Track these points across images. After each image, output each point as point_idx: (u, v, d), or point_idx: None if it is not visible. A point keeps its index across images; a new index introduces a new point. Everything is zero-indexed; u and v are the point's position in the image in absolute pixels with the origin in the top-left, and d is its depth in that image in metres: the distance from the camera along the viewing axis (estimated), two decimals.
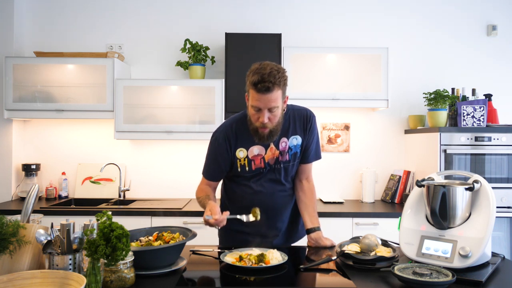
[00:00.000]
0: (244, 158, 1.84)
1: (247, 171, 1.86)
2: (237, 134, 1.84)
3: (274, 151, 1.85)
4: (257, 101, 1.70)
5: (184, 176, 3.51)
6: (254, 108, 1.72)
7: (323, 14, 3.54)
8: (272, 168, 1.88)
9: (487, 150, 2.93)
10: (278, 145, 1.85)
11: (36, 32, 3.52)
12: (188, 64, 3.33)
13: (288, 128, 1.86)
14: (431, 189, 1.54)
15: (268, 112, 1.71)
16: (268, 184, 1.89)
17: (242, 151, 1.83)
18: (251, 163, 1.85)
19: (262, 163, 1.85)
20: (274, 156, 1.86)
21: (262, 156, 1.85)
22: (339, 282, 1.44)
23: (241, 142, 1.84)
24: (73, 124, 3.51)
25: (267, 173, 1.88)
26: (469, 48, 3.55)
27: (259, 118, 1.72)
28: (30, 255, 1.33)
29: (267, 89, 1.65)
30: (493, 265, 1.50)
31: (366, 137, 3.54)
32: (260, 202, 1.86)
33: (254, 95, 1.70)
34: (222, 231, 2.06)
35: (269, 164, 1.87)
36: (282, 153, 1.86)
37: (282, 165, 1.88)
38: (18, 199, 3.35)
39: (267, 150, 1.85)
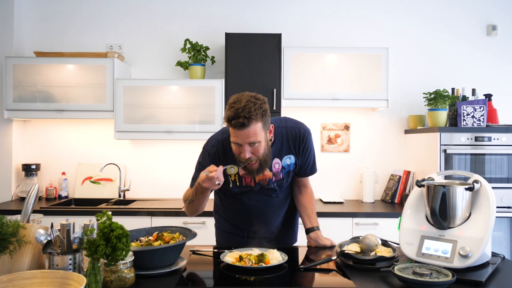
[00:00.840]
0: (235, 175, 1.78)
1: (237, 186, 1.81)
2: (228, 149, 1.76)
3: (266, 173, 1.78)
4: (235, 137, 1.63)
5: (184, 176, 3.49)
6: (234, 144, 1.65)
7: (323, 14, 3.54)
8: (265, 189, 1.84)
9: (487, 150, 2.93)
10: (271, 167, 1.79)
11: (36, 32, 3.53)
12: (188, 64, 3.33)
13: (281, 149, 1.81)
14: (431, 189, 1.54)
15: (249, 147, 1.63)
16: (261, 198, 1.87)
17: (233, 168, 1.71)
18: (241, 180, 1.80)
19: (252, 182, 1.81)
20: (266, 177, 1.80)
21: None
22: (339, 282, 1.44)
23: (231, 158, 1.74)
24: (73, 124, 3.51)
25: (261, 194, 1.86)
26: (469, 48, 3.55)
27: (241, 153, 1.65)
28: (30, 255, 1.32)
29: (242, 125, 1.57)
30: (493, 265, 1.50)
31: (366, 137, 3.54)
32: (254, 213, 1.89)
33: (232, 131, 1.63)
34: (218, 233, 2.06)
35: (259, 184, 1.82)
36: (275, 174, 1.82)
37: (276, 184, 1.85)
38: (18, 199, 3.35)
39: None
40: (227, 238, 2.01)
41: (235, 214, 1.96)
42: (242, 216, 1.94)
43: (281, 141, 1.81)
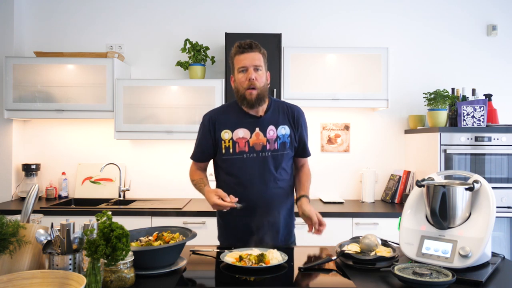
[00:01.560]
0: (229, 140, 1.89)
1: (230, 153, 1.89)
2: (224, 116, 1.94)
3: (261, 137, 1.89)
4: (242, 61, 1.83)
5: (184, 176, 3.47)
6: (241, 70, 1.85)
7: (323, 14, 3.54)
8: (259, 156, 1.88)
9: (487, 150, 2.93)
10: (265, 133, 1.90)
11: (36, 32, 3.53)
12: (188, 64, 3.33)
13: (277, 118, 1.93)
14: (431, 189, 1.54)
15: (254, 72, 1.83)
16: (257, 174, 1.88)
17: (227, 133, 1.89)
18: (235, 145, 1.89)
19: (246, 147, 1.88)
20: (260, 142, 1.88)
21: (246, 140, 1.88)
22: (339, 282, 1.44)
23: (226, 124, 1.91)
24: (73, 124, 3.51)
25: (255, 162, 1.88)
26: (469, 48, 3.55)
27: (246, 79, 1.83)
28: (30, 255, 1.32)
29: (249, 46, 1.83)
30: (493, 265, 1.50)
31: (366, 137, 3.54)
32: (251, 192, 1.88)
33: (239, 57, 1.85)
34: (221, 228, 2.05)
35: (254, 150, 1.87)
36: (269, 141, 1.89)
37: (271, 154, 1.88)
38: (18, 199, 3.35)
39: (252, 134, 1.89)
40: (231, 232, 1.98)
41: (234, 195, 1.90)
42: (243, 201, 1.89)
43: (277, 111, 1.95)
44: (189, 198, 3.42)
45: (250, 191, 1.88)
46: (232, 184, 1.92)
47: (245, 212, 1.86)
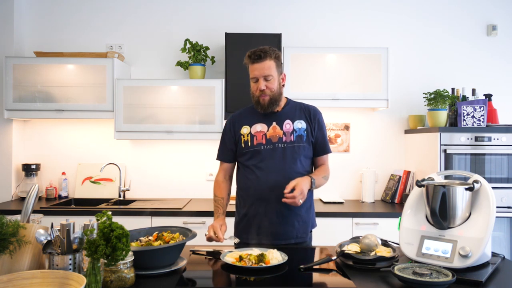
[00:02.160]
0: (248, 134, 2.01)
1: (249, 146, 1.99)
2: (243, 115, 2.08)
3: (277, 130, 1.98)
4: (253, 72, 1.95)
5: (184, 176, 3.51)
6: (253, 80, 1.96)
7: (323, 14, 3.54)
8: (275, 148, 1.96)
9: (487, 150, 2.93)
10: (282, 126, 2.00)
11: (36, 32, 3.53)
12: (188, 64, 3.33)
13: (293, 113, 2.04)
14: (431, 189, 1.54)
15: (264, 81, 1.93)
16: (274, 164, 1.95)
17: (246, 128, 2.02)
18: (253, 139, 1.99)
19: (263, 139, 1.98)
20: (276, 134, 1.98)
21: (264, 133, 1.99)
22: (339, 282, 1.44)
23: (245, 120, 2.05)
24: (73, 124, 3.51)
25: (272, 153, 1.95)
26: (469, 48, 3.55)
27: (257, 89, 1.94)
28: (30, 255, 1.32)
29: (258, 57, 1.91)
30: (493, 265, 1.50)
31: (366, 137, 3.54)
32: (267, 182, 1.93)
33: (251, 67, 1.95)
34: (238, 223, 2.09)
35: (271, 142, 1.97)
36: (286, 134, 1.98)
37: (287, 145, 1.96)
38: (18, 199, 3.35)
39: (269, 127, 2.00)
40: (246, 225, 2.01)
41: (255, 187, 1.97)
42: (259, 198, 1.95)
43: (294, 109, 2.06)
44: (189, 198, 3.42)
45: (266, 181, 1.94)
46: (250, 176, 1.99)
47: (261, 202, 1.94)
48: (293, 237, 1.97)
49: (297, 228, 1.98)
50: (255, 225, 1.97)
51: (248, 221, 2.00)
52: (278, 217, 1.94)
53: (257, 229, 1.96)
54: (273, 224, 1.94)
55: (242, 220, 2.04)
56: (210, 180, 3.49)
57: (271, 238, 1.93)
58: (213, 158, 3.47)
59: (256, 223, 1.97)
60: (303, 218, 2.00)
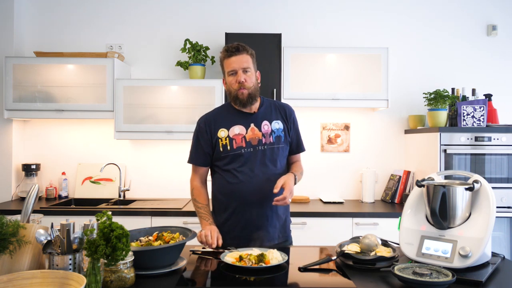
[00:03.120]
0: (226, 138, 1.95)
1: (228, 150, 1.94)
2: (218, 117, 2.01)
3: (256, 132, 1.95)
4: (231, 65, 1.91)
5: (184, 176, 3.48)
6: (231, 73, 1.92)
7: (323, 14, 3.54)
8: (256, 150, 1.93)
9: (487, 150, 2.93)
10: (260, 128, 1.97)
11: (36, 32, 3.53)
12: (188, 64, 3.33)
13: (270, 113, 2.02)
14: (431, 189, 1.54)
15: (243, 74, 1.90)
16: (255, 167, 1.92)
17: (224, 131, 1.96)
18: (232, 142, 1.94)
19: (243, 142, 1.93)
20: (255, 136, 1.95)
21: (243, 136, 1.94)
22: (339, 282, 1.44)
23: (221, 123, 1.98)
24: (73, 124, 3.51)
25: (253, 156, 1.92)
26: (469, 48, 3.55)
27: (236, 81, 1.90)
28: (30, 255, 1.32)
29: (236, 49, 1.90)
30: (493, 265, 1.50)
31: (366, 137, 3.54)
32: (249, 186, 1.90)
33: (228, 61, 1.92)
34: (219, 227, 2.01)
35: (251, 145, 1.93)
36: (265, 135, 1.96)
37: (267, 147, 1.94)
38: (18, 199, 3.35)
39: (247, 130, 1.96)
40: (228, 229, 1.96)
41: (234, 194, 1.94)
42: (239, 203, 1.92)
43: (270, 108, 2.04)
44: (189, 198, 3.41)
45: (250, 185, 1.91)
46: (231, 180, 1.94)
47: (245, 206, 1.91)
48: (276, 238, 1.96)
49: (279, 229, 1.98)
50: (239, 230, 1.94)
51: (230, 226, 1.95)
52: (263, 220, 1.93)
53: (242, 233, 1.92)
54: (258, 227, 1.92)
55: (223, 225, 1.96)
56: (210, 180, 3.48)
57: (256, 241, 1.89)
58: None
59: (240, 227, 1.93)
60: (281, 218, 2.00)
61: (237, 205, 1.94)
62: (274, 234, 1.96)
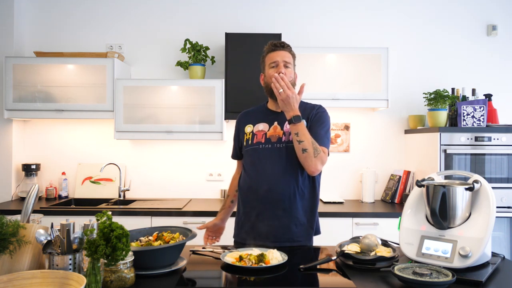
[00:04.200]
0: (250, 133, 2.03)
1: (249, 144, 2.00)
2: (249, 114, 2.11)
3: (278, 130, 1.97)
4: (274, 57, 1.96)
5: (184, 176, 3.52)
6: (272, 65, 1.96)
7: (323, 14, 3.54)
8: (274, 147, 1.94)
9: (487, 150, 2.93)
10: (283, 126, 1.98)
11: (36, 32, 3.53)
12: (188, 64, 3.33)
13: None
14: (431, 189, 1.54)
15: (284, 68, 1.94)
16: (271, 163, 1.92)
17: (250, 127, 2.05)
18: (254, 137, 2.01)
19: (263, 138, 1.98)
20: (276, 134, 1.96)
21: (264, 132, 1.99)
22: (339, 282, 1.44)
23: (250, 119, 2.07)
24: (73, 124, 3.51)
25: (270, 153, 1.93)
26: (469, 48, 3.55)
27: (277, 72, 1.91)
28: (30, 255, 1.32)
29: (282, 45, 1.98)
30: (493, 265, 1.50)
31: (366, 137, 3.54)
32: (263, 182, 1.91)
33: (271, 54, 1.98)
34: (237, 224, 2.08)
35: (270, 141, 1.95)
36: (285, 133, 1.96)
37: (285, 145, 1.93)
38: (18, 199, 3.35)
39: (270, 127, 1.99)
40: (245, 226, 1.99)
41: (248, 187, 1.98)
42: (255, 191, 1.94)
43: (300, 108, 1.95)
44: (189, 198, 3.42)
45: (263, 180, 1.92)
46: (248, 174, 1.99)
47: (257, 203, 1.93)
48: (288, 240, 1.91)
49: (294, 232, 1.92)
50: (250, 225, 1.96)
51: (245, 221, 1.99)
52: (272, 219, 1.91)
53: (252, 229, 1.94)
54: (268, 226, 1.91)
55: (240, 219, 2.03)
56: (210, 180, 3.50)
57: (265, 239, 1.89)
58: (213, 158, 3.51)
59: (252, 223, 1.95)
60: (300, 221, 1.93)
61: (250, 201, 1.97)
62: (285, 236, 1.91)
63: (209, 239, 2.17)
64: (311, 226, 1.97)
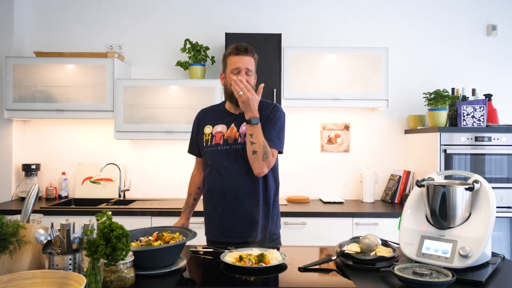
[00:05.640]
0: (209, 134, 2.04)
1: (208, 145, 2.02)
2: (208, 114, 2.11)
3: (234, 131, 1.99)
4: (236, 63, 1.94)
5: (184, 176, 3.49)
6: (234, 71, 1.95)
7: (323, 14, 3.54)
8: (231, 148, 1.97)
9: (487, 150, 2.93)
10: (239, 128, 2.00)
11: (36, 32, 3.53)
12: (188, 64, 3.33)
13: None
14: (431, 189, 1.54)
15: (246, 75, 1.94)
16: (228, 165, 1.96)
17: (209, 128, 2.06)
18: (212, 139, 2.02)
19: (221, 140, 2.00)
20: (233, 135, 1.99)
21: (222, 134, 2.01)
22: (339, 282, 1.44)
23: (209, 120, 2.08)
24: (73, 124, 3.51)
25: (227, 154, 1.97)
26: (469, 48, 3.55)
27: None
28: (30, 255, 1.32)
29: (245, 50, 1.95)
30: (493, 265, 1.50)
31: (366, 137, 3.54)
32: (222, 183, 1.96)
33: (234, 58, 1.96)
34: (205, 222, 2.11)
35: (227, 143, 1.98)
36: (241, 135, 1.98)
37: (241, 146, 1.97)
38: (18, 199, 3.35)
39: (228, 128, 2.01)
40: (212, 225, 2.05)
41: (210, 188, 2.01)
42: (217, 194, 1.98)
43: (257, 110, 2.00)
44: None
45: (221, 181, 1.98)
46: (208, 175, 2.04)
47: (220, 203, 1.98)
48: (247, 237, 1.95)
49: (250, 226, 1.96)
50: (215, 224, 2.02)
51: (211, 220, 2.05)
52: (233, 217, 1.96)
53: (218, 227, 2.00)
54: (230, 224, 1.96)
55: (206, 219, 2.08)
56: None
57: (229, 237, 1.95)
58: None
59: (216, 222, 2.01)
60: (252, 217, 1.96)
61: (213, 200, 2.02)
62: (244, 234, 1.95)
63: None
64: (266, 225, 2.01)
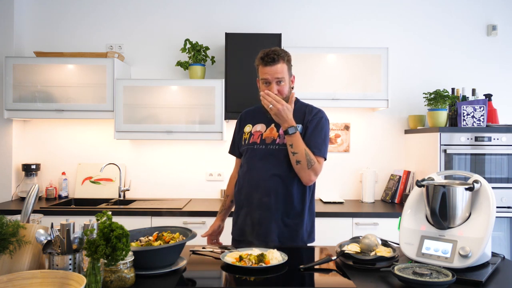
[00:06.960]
0: (248, 133, 2.04)
1: (246, 143, 2.02)
2: (250, 113, 2.11)
3: (274, 132, 1.98)
4: (265, 74, 1.91)
5: (184, 176, 3.51)
6: (264, 82, 1.93)
7: (323, 14, 3.54)
8: (267, 148, 1.95)
9: (487, 150, 2.93)
10: (279, 129, 1.97)
11: (36, 32, 3.53)
12: (188, 64, 3.33)
13: (295, 118, 1.93)
14: (431, 189, 1.54)
15: (276, 85, 1.90)
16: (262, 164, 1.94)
17: (249, 127, 2.06)
18: (250, 137, 2.02)
19: (258, 139, 1.99)
20: (272, 136, 1.97)
21: (261, 133, 2.00)
22: (339, 282, 1.44)
23: (250, 119, 2.08)
24: (73, 124, 3.51)
25: (263, 153, 1.95)
26: (469, 48, 3.55)
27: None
28: (30, 255, 1.32)
29: (272, 60, 1.88)
30: (493, 265, 1.49)
31: (366, 137, 3.54)
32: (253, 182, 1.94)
33: (262, 69, 1.92)
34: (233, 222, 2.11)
35: (264, 142, 1.96)
36: (280, 136, 1.96)
37: (278, 147, 1.94)
38: (18, 199, 3.35)
39: (267, 128, 2.00)
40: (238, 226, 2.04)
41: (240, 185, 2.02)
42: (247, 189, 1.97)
43: (298, 112, 1.99)
44: (189, 198, 3.41)
45: (251, 180, 1.96)
46: (241, 173, 2.03)
47: (246, 202, 1.96)
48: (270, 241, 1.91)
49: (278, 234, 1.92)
50: (241, 224, 2.00)
51: (238, 220, 2.03)
52: (257, 219, 1.94)
53: (244, 227, 1.99)
54: (254, 226, 1.94)
55: (235, 218, 2.07)
56: (210, 180, 3.50)
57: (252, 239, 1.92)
58: (213, 158, 3.50)
59: (242, 222, 2.00)
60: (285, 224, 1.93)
61: (240, 198, 2.01)
62: (267, 238, 1.92)
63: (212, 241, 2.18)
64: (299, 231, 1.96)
